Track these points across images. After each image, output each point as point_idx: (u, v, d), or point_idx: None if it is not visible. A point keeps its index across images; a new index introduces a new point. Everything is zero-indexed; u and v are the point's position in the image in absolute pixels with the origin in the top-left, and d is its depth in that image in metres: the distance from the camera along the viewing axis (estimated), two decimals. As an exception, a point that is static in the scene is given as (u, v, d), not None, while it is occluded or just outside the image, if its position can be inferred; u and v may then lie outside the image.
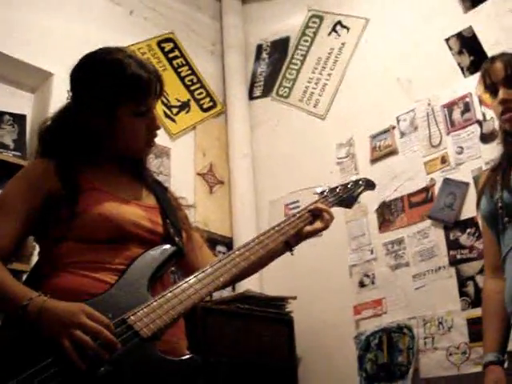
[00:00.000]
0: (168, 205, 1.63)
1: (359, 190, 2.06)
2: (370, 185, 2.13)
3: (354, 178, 2.15)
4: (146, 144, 1.59)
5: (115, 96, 1.50)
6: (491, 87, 1.92)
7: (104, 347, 1.21)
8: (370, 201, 3.33)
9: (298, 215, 1.77)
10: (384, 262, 3.26)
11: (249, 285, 3.21)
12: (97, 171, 1.55)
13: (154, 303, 1.32)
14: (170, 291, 1.37)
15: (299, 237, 1.77)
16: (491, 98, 1.96)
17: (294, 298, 3.37)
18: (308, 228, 1.76)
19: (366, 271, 3.32)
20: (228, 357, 2.94)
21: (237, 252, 1.56)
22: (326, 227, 1.79)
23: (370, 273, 3.31)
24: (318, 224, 1.77)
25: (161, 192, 1.67)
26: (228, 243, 3.75)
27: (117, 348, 1.22)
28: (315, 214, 1.79)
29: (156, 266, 1.43)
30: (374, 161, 3.44)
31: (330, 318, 3.39)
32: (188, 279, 1.42)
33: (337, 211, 3.30)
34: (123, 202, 1.51)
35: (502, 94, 1.87)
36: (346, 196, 1.99)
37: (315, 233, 1.78)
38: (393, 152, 3.37)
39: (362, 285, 3.33)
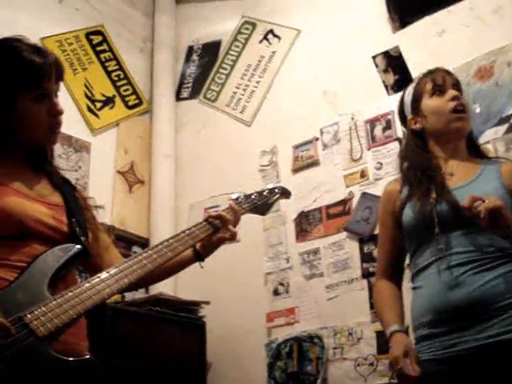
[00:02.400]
0: (75, 204, 1.58)
1: (274, 198, 2.06)
2: (285, 193, 2.13)
3: (270, 186, 2.16)
4: (50, 130, 1.53)
5: (10, 84, 1.46)
6: (437, 88, 1.98)
7: None
8: (288, 210, 3.37)
9: (209, 220, 1.75)
10: (299, 271, 3.29)
11: (163, 288, 3.16)
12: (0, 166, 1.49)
13: (53, 302, 1.28)
14: (71, 291, 1.33)
15: (208, 245, 1.75)
16: (426, 98, 2.01)
17: (208, 302, 3.35)
18: (215, 237, 1.74)
19: (281, 280, 3.34)
20: (137, 360, 2.88)
21: (144, 254, 1.53)
22: (231, 237, 1.77)
23: (285, 281, 3.33)
24: (223, 233, 1.74)
25: (68, 191, 1.62)
26: (144, 244, 3.68)
27: (11, 333, 1.18)
28: (221, 222, 1.76)
29: (58, 265, 1.38)
30: (295, 170, 3.47)
31: (243, 325, 3.39)
32: (91, 279, 1.38)
33: (255, 218, 3.33)
34: (26, 198, 1.46)
35: (452, 92, 1.96)
36: (261, 203, 1.99)
37: (221, 241, 1.76)
38: (314, 163, 3.41)
39: (276, 293, 3.34)
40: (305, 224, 3.34)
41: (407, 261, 2.05)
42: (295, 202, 3.33)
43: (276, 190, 2.08)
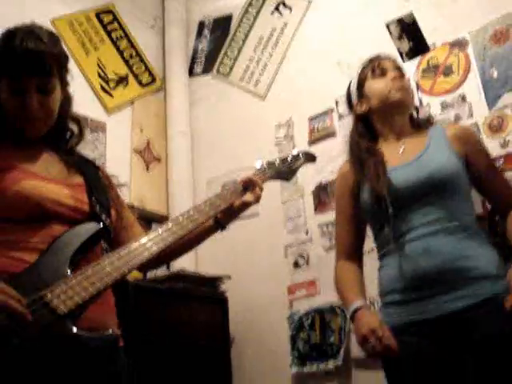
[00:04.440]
0: (97, 183, 1.58)
1: (298, 163, 2.06)
2: (310, 158, 2.13)
3: (294, 152, 2.15)
4: (25, 123, 1.52)
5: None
6: (379, 69, 2.18)
7: (12, 319, 1.17)
8: (306, 182, 3.35)
9: (229, 189, 1.75)
10: (319, 243, 3.28)
11: (184, 264, 3.18)
12: (17, 150, 1.50)
13: (74, 280, 1.29)
14: (92, 268, 1.33)
15: (231, 212, 1.75)
16: (369, 79, 2.20)
17: (229, 277, 3.36)
18: (237, 202, 1.74)
19: (301, 252, 3.34)
20: (160, 336, 2.91)
21: (164, 227, 1.53)
22: (256, 200, 1.77)
23: (305, 253, 3.33)
24: (247, 196, 1.75)
25: (90, 170, 1.62)
26: (163, 221, 3.68)
27: (27, 319, 1.18)
28: (246, 186, 1.77)
29: (78, 244, 1.39)
30: (312, 142, 3.44)
31: (264, 298, 3.40)
32: (110, 256, 1.39)
33: (274, 191, 3.36)
34: (44, 180, 1.47)
35: (392, 73, 2.14)
36: (285, 169, 1.99)
37: (245, 206, 1.76)
38: (331, 134, 3.39)
39: (296, 265, 3.35)
40: (323, 196, 3.32)
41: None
42: (313, 174, 3.31)
43: (300, 156, 2.08)
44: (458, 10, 3.10)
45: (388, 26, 3.25)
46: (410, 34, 3.18)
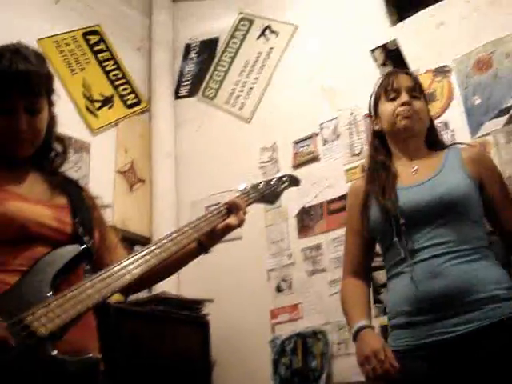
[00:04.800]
0: (81, 204, 1.57)
1: (283, 186, 2.05)
2: (294, 181, 2.12)
3: (278, 175, 2.15)
4: (15, 143, 1.50)
5: None
6: (393, 91, 2.03)
7: None
8: (290, 206, 3.36)
9: (213, 211, 1.74)
10: (302, 267, 3.28)
11: (166, 286, 3.14)
12: (2, 170, 1.48)
13: (55, 302, 1.27)
14: (72, 290, 1.31)
15: (214, 235, 1.74)
16: (383, 101, 2.06)
17: (211, 300, 3.34)
18: (221, 225, 1.73)
19: (284, 276, 3.34)
20: (141, 359, 2.87)
21: (147, 249, 1.51)
22: (239, 224, 1.75)
23: (288, 278, 3.32)
24: (231, 220, 1.73)
25: (74, 191, 1.61)
26: (146, 243, 3.66)
27: (9, 343, 1.16)
28: (230, 209, 1.76)
29: (59, 266, 1.37)
30: (296, 166, 3.46)
31: (247, 322, 3.38)
32: (91, 278, 1.37)
33: (257, 215, 3.36)
34: (27, 201, 1.44)
35: (405, 96, 2.00)
36: (269, 192, 1.98)
37: (228, 229, 1.74)
38: (315, 158, 3.41)
39: (279, 289, 3.34)
40: (306, 220, 3.33)
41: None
42: (296, 198, 3.32)
43: (284, 179, 2.07)
44: (442, 37, 3.15)
45: (372, 52, 3.29)
46: (393, 60, 3.22)
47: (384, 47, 3.27)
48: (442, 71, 3.06)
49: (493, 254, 1.92)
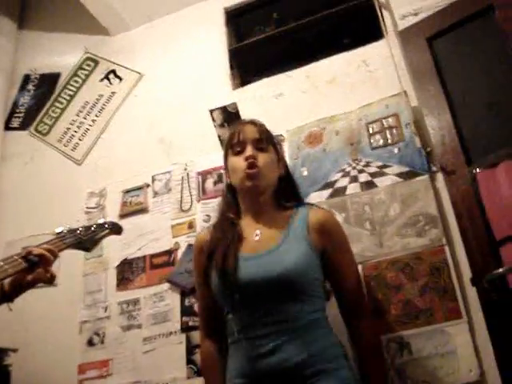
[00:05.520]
0: None
1: (102, 234, 1.95)
2: (115, 229, 2.04)
3: (100, 221, 2.05)
4: None
5: None
6: (238, 145, 2.00)
7: None
8: (112, 256, 3.23)
9: (27, 257, 1.59)
10: (117, 321, 3.13)
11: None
12: None
13: None
14: None
15: (21, 284, 1.59)
16: (230, 155, 2.03)
17: (15, 350, 3.08)
18: (30, 277, 1.58)
19: (97, 329, 3.17)
20: None
21: None
22: (50, 280, 1.62)
23: (101, 331, 3.16)
24: (41, 273, 1.60)
25: None
26: None
27: None
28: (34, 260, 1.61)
29: None
30: (122, 216, 3.34)
31: (52, 376, 3.14)
32: None
33: (76, 263, 3.20)
34: None
35: (249, 150, 1.97)
36: (87, 238, 1.86)
37: (37, 282, 1.61)
38: (143, 210, 3.32)
39: (90, 343, 3.16)
40: (127, 272, 3.21)
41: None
42: (119, 249, 3.21)
43: (106, 225, 1.98)
44: (280, 107, 3.28)
45: (212, 112, 3.32)
46: (231, 123, 3.27)
47: (224, 109, 3.32)
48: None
49: (327, 322, 1.94)
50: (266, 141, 2.05)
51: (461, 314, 2.39)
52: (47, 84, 4.06)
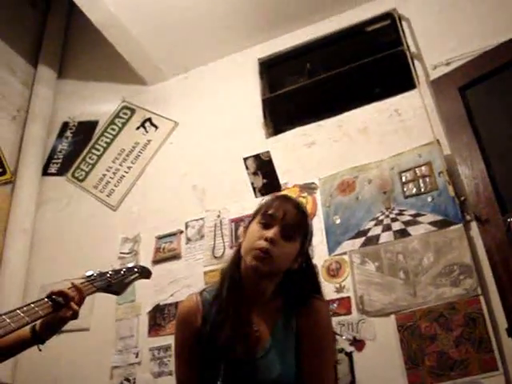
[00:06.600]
0: None
1: (132, 277, 1.93)
2: (145, 273, 2.01)
3: (129, 265, 2.05)
4: None
5: None
6: (269, 218, 1.78)
7: None
8: (144, 301, 3.25)
9: (51, 297, 1.61)
10: (148, 367, 3.12)
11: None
12: None
13: None
14: None
15: (50, 324, 1.61)
16: (256, 221, 1.80)
17: (45, 394, 3.10)
18: (56, 316, 1.60)
19: (128, 375, 3.16)
20: None
21: None
22: (71, 316, 1.64)
23: (132, 377, 3.15)
24: (65, 311, 1.61)
25: None
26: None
27: None
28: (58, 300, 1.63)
29: None
30: (156, 262, 3.37)
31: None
32: None
33: (109, 308, 3.22)
34: None
35: (274, 233, 1.73)
36: (116, 281, 1.86)
37: (63, 322, 1.63)
38: (176, 256, 3.35)
39: (120, 389, 3.15)
40: (159, 318, 3.22)
41: None
42: (152, 294, 3.23)
43: (135, 269, 1.97)
44: (312, 156, 3.31)
45: (245, 160, 3.37)
46: (264, 171, 3.31)
47: (257, 157, 3.37)
48: (308, 187, 3.19)
49: None
50: (297, 232, 1.80)
51: (497, 365, 2.35)
52: (85, 131, 4.17)
